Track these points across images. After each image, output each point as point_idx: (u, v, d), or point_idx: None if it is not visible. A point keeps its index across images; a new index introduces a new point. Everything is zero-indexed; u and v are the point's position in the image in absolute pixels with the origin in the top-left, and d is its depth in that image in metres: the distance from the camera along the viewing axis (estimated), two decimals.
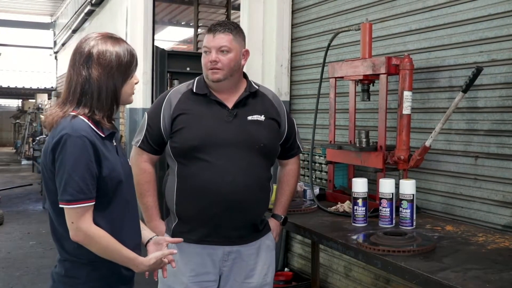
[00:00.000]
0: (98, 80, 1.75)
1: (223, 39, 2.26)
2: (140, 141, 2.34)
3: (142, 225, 2.01)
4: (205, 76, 2.33)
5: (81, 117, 1.74)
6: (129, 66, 1.83)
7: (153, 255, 1.88)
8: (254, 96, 2.38)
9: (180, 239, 2.10)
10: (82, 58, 1.77)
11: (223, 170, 2.23)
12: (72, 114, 1.74)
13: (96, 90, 1.76)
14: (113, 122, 1.90)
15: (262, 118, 2.35)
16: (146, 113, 2.39)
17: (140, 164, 2.33)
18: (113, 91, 1.79)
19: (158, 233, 2.32)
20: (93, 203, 1.72)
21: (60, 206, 1.70)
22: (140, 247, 1.93)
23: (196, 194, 2.25)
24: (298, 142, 2.56)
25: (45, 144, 1.77)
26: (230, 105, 2.32)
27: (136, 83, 1.89)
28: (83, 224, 1.69)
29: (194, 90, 2.33)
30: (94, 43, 1.78)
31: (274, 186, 2.75)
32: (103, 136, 1.78)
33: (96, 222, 1.73)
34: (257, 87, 2.40)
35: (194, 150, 2.25)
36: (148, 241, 1.99)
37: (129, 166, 1.94)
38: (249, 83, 2.40)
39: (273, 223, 2.51)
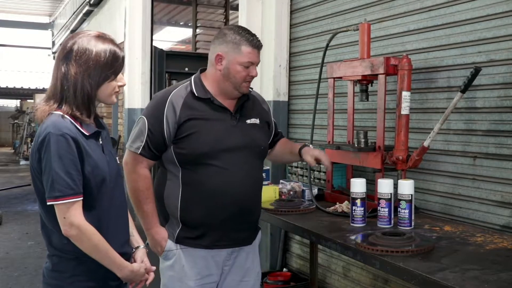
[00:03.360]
0: (74, 78, 1.76)
1: (260, 54, 2.33)
2: (141, 148, 2.24)
3: (131, 229, 2.01)
4: (234, 87, 2.28)
5: (65, 116, 1.75)
6: (109, 67, 1.80)
7: (138, 264, 1.92)
8: (247, 100, 2.39)
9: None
10: (63, 53, 1.78)
11: (232, 175, 2.24)
12: (57, 113, 1.75)
13: (72, 87, 1.76)
14: (100, 120, 1.92)
15: (258, 121, 2.40)
16: (143, 117, 2.28)
17: (140, 171, 2.25)
18: (88, 91, 1.78)
19: (160, 239, 2.31)
20: (81, 198, 1.73)
21: (49, 203, 1.71)
22: (128, 245, 1.95)
23: (206, 200, 2.24)
24: (280, 130, 2.71)
25: (33, 143, 1.79)
26: (230, 109, 2.32)
27: (120, 86, 1.86)
28: (75, 218, 1.71)
29: (196, 94, 2.29)
30: (76, 40, 1.78)
31: (268, 187, 2.87)
32: (87, 134, 1.79)
33: None
34: (250, 90, 2.41)
35: (204, 156, 2.23)
36: (135, 249, 1.99)
37: (117, 166, 1.93)
38: None
39: (310, 150, 2.53)
